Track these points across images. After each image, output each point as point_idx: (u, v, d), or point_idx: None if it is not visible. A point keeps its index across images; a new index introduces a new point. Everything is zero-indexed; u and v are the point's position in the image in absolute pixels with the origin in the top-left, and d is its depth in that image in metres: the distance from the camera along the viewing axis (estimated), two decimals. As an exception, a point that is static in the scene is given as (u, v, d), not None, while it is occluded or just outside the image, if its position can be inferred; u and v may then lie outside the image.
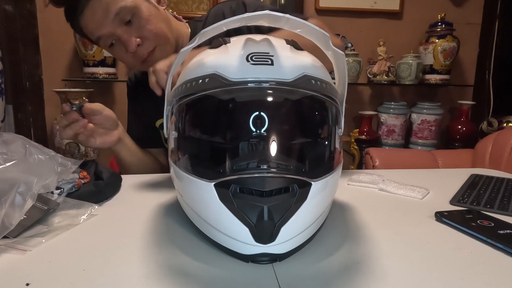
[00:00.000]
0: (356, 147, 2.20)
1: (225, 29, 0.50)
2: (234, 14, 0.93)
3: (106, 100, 2.13)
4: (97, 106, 0.78)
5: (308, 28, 0.49)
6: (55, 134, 1.91)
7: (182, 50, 0.50)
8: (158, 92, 0.68)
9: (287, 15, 0.48)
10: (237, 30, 0.69)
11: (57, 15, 2.11)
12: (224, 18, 0.93)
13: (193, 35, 0.99)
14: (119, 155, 0.90)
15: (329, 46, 0.50)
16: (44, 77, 2.05)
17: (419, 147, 2.22)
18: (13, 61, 1.94)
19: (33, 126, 2.04)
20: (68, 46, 2.07)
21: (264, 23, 0.51)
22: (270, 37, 0.52)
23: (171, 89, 0.55)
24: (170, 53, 0.90)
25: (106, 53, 1.94)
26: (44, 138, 2.06)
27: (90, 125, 0.76)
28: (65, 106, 0.73)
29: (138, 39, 0.84)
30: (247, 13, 0.48)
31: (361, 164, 2.14)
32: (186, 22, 1.03)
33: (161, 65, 0.69)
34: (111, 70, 1.99)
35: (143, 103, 1.06)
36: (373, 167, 1.64)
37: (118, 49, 0.88)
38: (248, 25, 0.53)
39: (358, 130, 2.20)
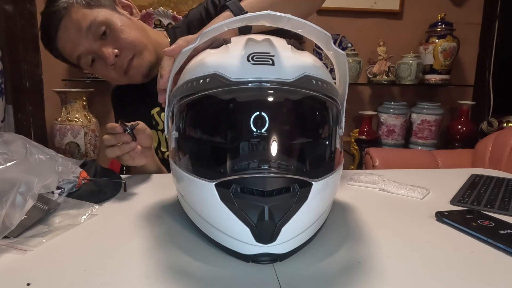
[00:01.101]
0: (356, 147, 2.20)
1: (226, 29, 0.50)
2: (207, 12, 0.93)
3: (106, 100, 2.12)
4: (142, 125, 0.75)
5: (309, 28, 0.49)
6: (55, 134, 1.90)
7: (184, 50, 0.50)
8: (160, 99, 0.61)
9: (288, 15, 0.48)
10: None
11: (57, 15, 2.12)
12: (202, 19, 0.93)
13: (172, 43, 0.98)
14: (147, 170, 0.87)
15: (330, 46, 0.50)
16: (44, 77, 2.05)
17: (419, 147, 2.22)
18: (13, 61, 1.94)
19: (33, 126, 2.04)
20: (68, 46, 2.07)
21: (265, 23, 0.51)
22: (271, 37, 0.53)
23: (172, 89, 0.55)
24: (148, 60, 0.89)
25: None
26: (44, 138, 2.06)
27: (139, 147, 0.74)
28: (118, 128, 0.71)
29: (115, 50, 0.84)
30: (248, 13, 0.48)
31: (361, 164, 2.14)
32: (164, 30, 1.03)
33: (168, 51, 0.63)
34: (111, 70, 1.99)
35: (132, 105, 1.02)
36: (373, 167, 1.64)
37: (99, 66, 0.87)
38: (250, 24, 0.53)
39: (358, 130, 2.20)
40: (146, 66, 0.89)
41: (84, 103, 1.93)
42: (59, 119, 1.90)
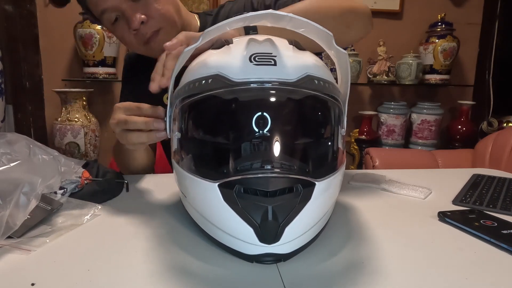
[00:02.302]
0: (356, 147, 2.20)
1: (228, 29, 0.50)
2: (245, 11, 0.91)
3: (106, 100, 2.13)
4: None
5: (311, 28, 0.49)
6: (55, 134, 1.90)
7: (186, 49, 0.50)
8: (153, 86, 0.59)
9: (290, 14, 0.48)
10: None
11: (57, 15, 2.12)
12: (245, 10, 0.91)
13: (202, 29, 0.95)
14: (134, 154, 0.84)
15: (332, 46, 0.50)
16: (44, 77, 2.05)
17: (419, 147, 2.22)
18: (13, 61, 1.94)
19: (33, 126, 2.04)
20: (68, 46, 2.07)
21: (267, 23, 0.51)
22: (273, 37, 0.53)
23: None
24: None
25: (106, 53, 1.94)
26: (44, 138, 2.06)
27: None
28: (162, 112, 0.60)
29: (143, 16, 0.79)
30: (250, 13, 0.48)
31: (361, 164, 2.14)
32: (196, 14, 0.99)
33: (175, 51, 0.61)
34: (111, 70, 1.99)
35: (146, 81, 0.97)
36: (373, 167, 1.64)
37: (121, 27, 0.82)
38: (251, 24, 0.53)
39: (358, 130, 2.20)
40: None
41: (84, 103, 1.93)
42: (59, 119, 1.90)
